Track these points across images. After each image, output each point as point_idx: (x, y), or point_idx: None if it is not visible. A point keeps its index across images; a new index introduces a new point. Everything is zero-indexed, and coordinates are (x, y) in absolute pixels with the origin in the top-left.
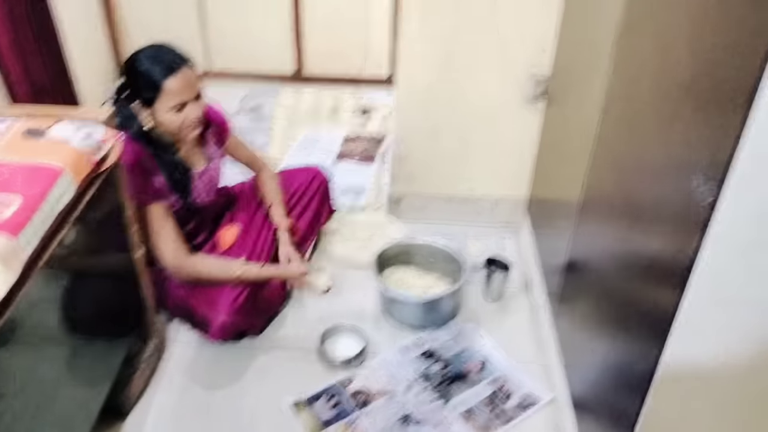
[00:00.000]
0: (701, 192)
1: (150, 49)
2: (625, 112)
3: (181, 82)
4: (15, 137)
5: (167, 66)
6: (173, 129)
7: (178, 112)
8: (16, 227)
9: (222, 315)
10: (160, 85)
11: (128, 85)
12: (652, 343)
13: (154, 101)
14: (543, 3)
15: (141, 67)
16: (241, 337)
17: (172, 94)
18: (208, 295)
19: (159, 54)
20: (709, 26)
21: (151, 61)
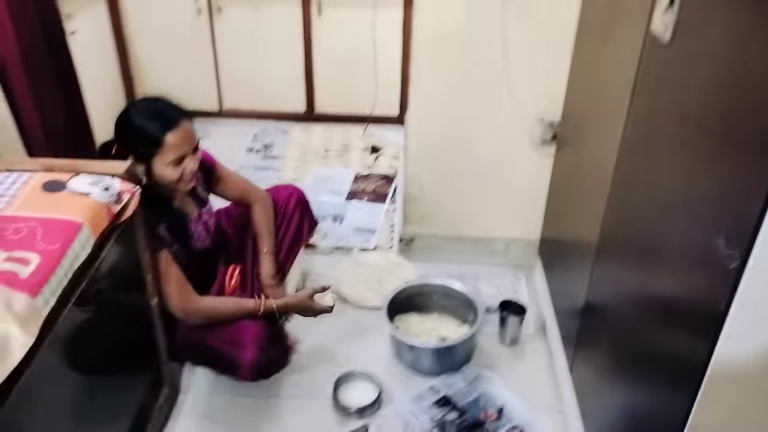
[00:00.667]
0: (726, 255)
1: (145, 102)
2: (643, 160)
3: (181, 136)
4: (34, 191)
5: (167, 120)
6: (170, 183)
7: (177, 166)
8: (35, 287)
9: (250, 351)
10: (161, 140)
11: (121, 141)
12: (678, 398)
13: (153, 156)
14: (552, 52)
15: (137, 122)
16: (270, 374)
17: (173, 148)
18: (231, 335)
19: (156, 107)
20: (731, 83)
21: (149, 116)
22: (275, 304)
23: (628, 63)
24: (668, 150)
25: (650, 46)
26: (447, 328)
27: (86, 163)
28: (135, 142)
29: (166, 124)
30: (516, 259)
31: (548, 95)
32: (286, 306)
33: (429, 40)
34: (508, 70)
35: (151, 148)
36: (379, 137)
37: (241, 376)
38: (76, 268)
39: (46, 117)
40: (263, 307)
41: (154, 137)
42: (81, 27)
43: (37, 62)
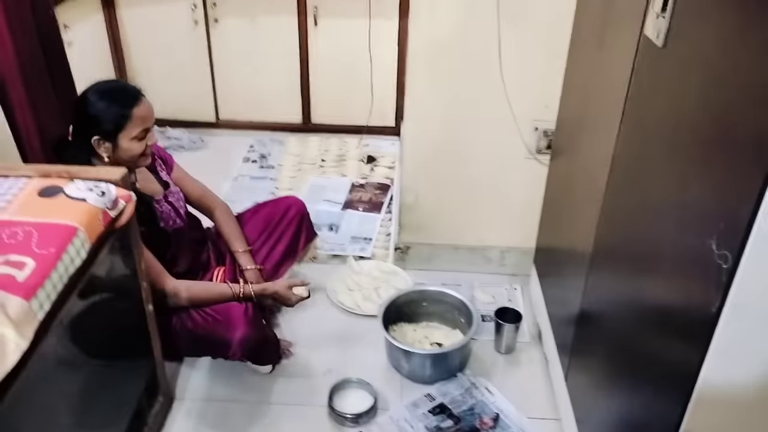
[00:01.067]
0: (719, 256)
1: (104, 84)
2: (636, 167)
3: (146, 109)
4: (30, 196)
5: (132, 96)
6: (133, 157)
7: (141, 141)
8: (30, 290)
9: (239, 329)
10: (129, 114)
11: (85, 123)
12: (674, 404)
13: (120, 131)
14: (547, 60)
15: (105, 100)
16: (261, 355)
17: (139, 121)
18: (219, 317)
19: (117, 86)
20: (723, 88)
21: (114, 94)
22: (253, 290)
23: (622, 68)
24: (661, 156)
25: (643, 51)
26: (442, 335)
27: (82, 169)
28: (102, 120)
29: (132, 99)
30: (511, 268)
31: (544, 101)
32: (263, 291)
33: (424, 49)
34: (503, 78)
35: (119, 124)
36: (375, 147)
37: (232, 354)
38: (72, 272)
39: (43, 127)
40: (242, 291)
41: (123, 112)
42: (78, 38)
43: (35, 73)
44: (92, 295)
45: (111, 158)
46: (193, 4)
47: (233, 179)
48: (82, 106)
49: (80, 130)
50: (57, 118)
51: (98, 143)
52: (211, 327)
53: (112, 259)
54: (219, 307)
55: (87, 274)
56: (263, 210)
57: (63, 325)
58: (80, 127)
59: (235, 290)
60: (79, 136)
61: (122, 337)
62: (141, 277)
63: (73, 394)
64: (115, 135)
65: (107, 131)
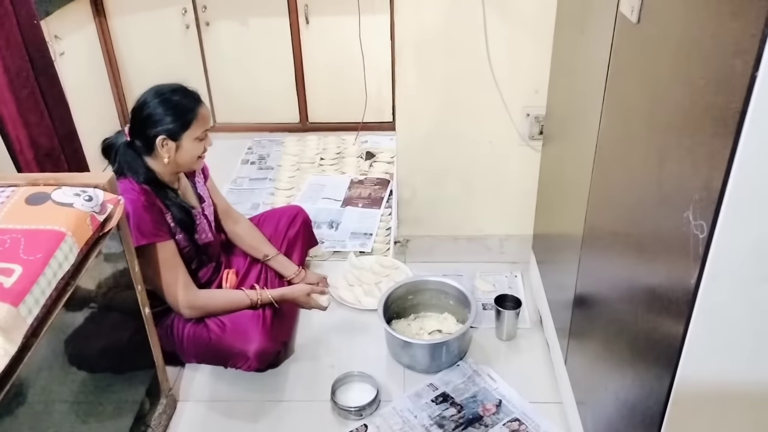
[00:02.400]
0: (695, 226)
1: (167, 86)
2: (618, 147)
3: (207, 110)
4: (17, 204)
5: (195, 97)
6: (192, 158)
7: (200, 142)
8: (17, 296)
9: (256, 342)
10: (196, 112)
11: (148, 123)
12: (661, 378)
13: (185, 130)
14: (534, 45)
15: (174, 99)
16: (278, 362)
17: (204, 120)
18: (234, 327)
19: (180, 88)
20: (693, 62)
21: (180, 94)
22: (272, 296)
23: (601, 48)
24: (641, 133)
25: (620, 29)
26: (442, 324)
27: (69, 176)
28: (169, 119)
29: (196, 99)
30: (511, 256)
31: (533, 86)
32: (282, 297)
33: (411, 42)
34: (491, 66)
35: (185, 123)
36: (373, 143)
37: (248, 366)
38: (61, 277)
39: (36, 138)
40: (260, 299)
41: (191, 109)
42: (70, 48)
43: (24, 86)
44: (85, 299)
45: (171, 160)
46: (184, 9)
47: (232, 181)
48: (144, 107)
49: (141, 131)
50: (50, 130)
51: (162, 143)
52: (228, 338)
53: (104, 262)
54: (235, 318)
55: (78, 278)
56: (268, 218)
57: (56, 330)
58: (141, 128)
59: (252, 298)
60: (139, 137)
61: (119, 341)
62: (136, 281)
63: (70, 400)
64: (180, 135)
65: (173, 131)
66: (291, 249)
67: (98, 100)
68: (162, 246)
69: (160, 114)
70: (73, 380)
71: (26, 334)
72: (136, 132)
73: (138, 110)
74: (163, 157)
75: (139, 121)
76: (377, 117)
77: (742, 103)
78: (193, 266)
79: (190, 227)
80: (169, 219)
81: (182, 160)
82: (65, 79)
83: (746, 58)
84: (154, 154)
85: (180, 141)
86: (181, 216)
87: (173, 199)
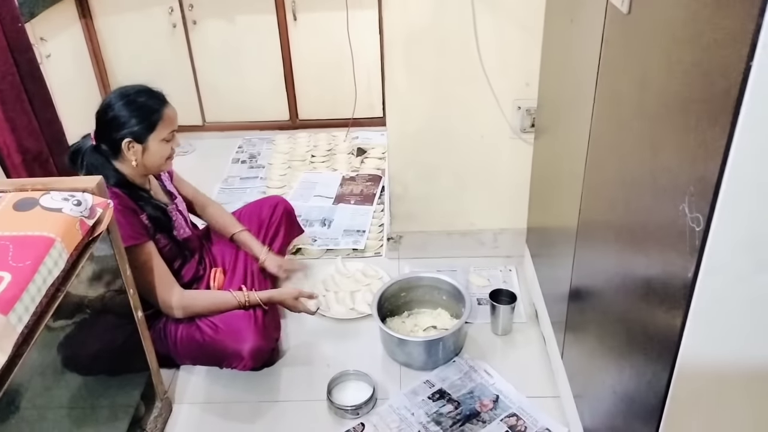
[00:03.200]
0: (691, 219)
1: (131, 87)
2: (611, 139)
3: (172, 110)
4: (5, 211)
5: (160, 97)
6: (161, 159)
7: (167, 143)
8: (6, 304)
9: (250, 341)
10: (162, 114)
11: (113, 126)
12: (660, 371)
13: (151, 132)
14: (524, 38)
15: (138, 101)
16: (272, 360)
17: (169, 121)
18: (227, 327)
19: (145, 89)
20: (685, 53)
21: (145, 96)
22: (259, 297)
23: (592, 40)
24: (633, 124)
25: (610, 19)
26: (436, 320)
27: (57, 180)
28: (133, 121)
29: (161, 100)
30: (505, 250)
31: (524, 79)
32: (270, 299)
33: (401, 37)
34: (481, 59)
35: (150, 124)
36: (364, 139)
37: (243, 365)
38: (51, 283)
39: (23, 142)
40: (248, 300)
41: (156, 110)
42: (56, 50)
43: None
44: (77, 304)
45: (138, 162)
46: (170, 8)
47: (223, 181)
48: (109, 110)
49: (106, 134)
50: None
51: (128, 146)
52: (221, 339)
53: (94, 267)
54: (227, 318)
55: (68, 284)
56: (250, 210)
57: (47, 337)
58: (106, 131)
59: (240, 300)
60: (105, 141)
61: (112, 345)
62: (128, 284)
63: (65, 405)
64: (146, 137)
65: (138, 133)
66: (273, 239)
67: (86, 102)
68: (141, 248)
69: (125, 116)
70: (67, 386)
71: (17, 342)
72: (101, 136)
73: (102, 113)
74: (130, 159)
75: (104, 124)
76: (367, 113)
77: (737, 94)
78: (176, 265)
79: (167, 224)
80: (145, 219)
81: (150, 163)
82: (52, 81)
83: (741, 48)
84: (121, 157)
85: (146, 143)
86: (156, 214)
87: (146, 199)
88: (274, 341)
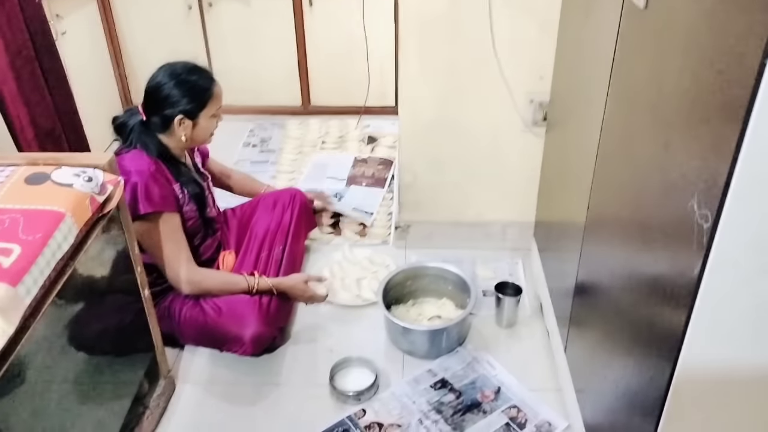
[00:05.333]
0: (700, 216)
1: (179, 66)
2: (623, 135)
3: (220, 87)
4: (16, 184)
5: (209, 76)
6: (207, 135)
7: (214, 118)
8: (15, 276)
9: (252, 327)
10: (212, 92)
11: (165, 103)
12: (662, 367)
13: (202, 110)
14: (539, 31)
15: (190, 79)
16: (273, 348)
17: (218, 98)
18: (231, 311)
19: (194, 66)
20: (701, 50)
21: (196, 75)
22: (270, 282)
23: (608, 34)
24: (646, 120)
25: (627, 14)
26: (441, 310)
27: (69, 156)
28: (186, 99)
29: (211, 77)
30: (512, 243)
31: (538, 72)
32: (279, 285)
33: (415, 26)
34: (496, 51)
35: (203, 101)
36: (375, 128)
37: (243, 350)
38: (60, 257)
39: (36, 118)
40: (257, 284)
41: (207, 89)
42: (72, 27)
43: (25, 66)
44: (84, 280)
45: (188, 137)
46: None
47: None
48: (162, 88)
49: (158, 111)
50: (50, 110)
51: (180, 122)
52: (223, 322)
53: (103, 244)
54: (231, 302)
55: (77, 260)
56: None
57: (54, 311)
58: (158, 108)
59: (250, 283)
60: (156, 116)
61: (118, 322)
62: (135, 262)
63: (69, 380)
64: (197, 114)
65: (190, 111)
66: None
67: (100, 81)
68: (168, 217)
69: (177, 95)
70: (72, 361)
71: (24, 314)
72: (152, 111)
73: (154, 91)
74: (179, 135)
75: (156, 102)
76: (380, 101)
77: (750, 91)
78: (197, 241)
79: (203, 201)
80: (177, 191)
81: (198, 137)
82: (66, 58)
83: (756, 46)
84: (169, 132)
85: (197, 119)
86: (196, 191)
87: (186, 174)
88: (276, 329)
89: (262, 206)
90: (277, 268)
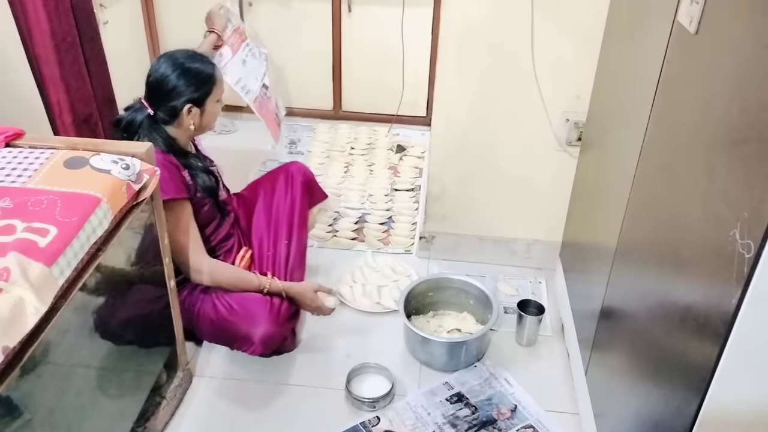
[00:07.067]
0: (742, 245)
1: (179, 54)
2: (663, 159)
3: (219, 71)
4: (56, 167)
5: (208, 60)
6: (214, 120)
7: (219, 102)
8: (51, 257)
9: (262, 326)
10: (215, 77)
11: (174, 94)
12: (690, 399)
13: (209, 96)
14: (580, 50)
15: (193, 67)
16: (282, 350)
17: (221, 81)
18: (245, 309)
19: (193, 54)
20: (751, 78)
21: (197, 61)
22: (281, 286)
23: (653, 57)
24: (689, 145)
25: (676, 38)
26: (461, 324)
27: (108, 143)
28: (192, 88)
29: (211, 63)
30: (537, 261)
31: (576, 91)
32: (290, 290)
33: (455, 36)
34: (535, 67)
35: (209, 87)
36: (404, 137)
37: (253, 350)
38: (94, 241)
39: (75, 103)
40: (269, 285)
41: (210, 74)
42: (114, 17)
43: (68, 53)
44: (114, 266)
45: (196, 125)
46: None
47: (261, 163)
48: (165, 80)
49: (164, 103)
50: (89, 97)
51: (189, 111)
52: (234, 321)
53: (135, 232)
54: (243, 300)
55: (109, 245)
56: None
57: (84, 294)
58: (165, 100)
59: (262, 282)
60: (163, 108)
61: (143, 312)
62: (164, 253)
63: (92, 365)
64: (204, 101)
65: (197, 98)
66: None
67: (136, 71)
68: (180, 204)
69: (183, 84)
70: (96, 346)
71: (56, 295)
72: (158, 104)
73: (159, 83)
74: (188, 124)
75: (162, 94)
76: (411, 111)
77: None
78: (210, 229)
79: (215, 188)
80: (187, 177)
81: (206, 123)
82: (107, 47)
83: None
84: (177, 122)
85: (204, 106)
86: (207, 180)
87: (195, 163)
88: (287, 330)
89: (262, 193)
90: (285, 266)
